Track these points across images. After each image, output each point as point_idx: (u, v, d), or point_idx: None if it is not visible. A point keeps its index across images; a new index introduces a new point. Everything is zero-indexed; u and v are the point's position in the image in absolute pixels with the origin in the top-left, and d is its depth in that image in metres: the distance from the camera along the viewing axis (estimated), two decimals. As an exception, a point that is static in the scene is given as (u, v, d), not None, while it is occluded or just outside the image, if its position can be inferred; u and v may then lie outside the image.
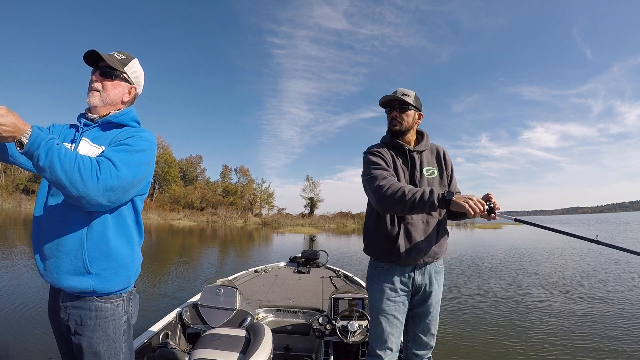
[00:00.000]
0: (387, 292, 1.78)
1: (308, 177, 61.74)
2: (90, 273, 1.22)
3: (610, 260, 11.41)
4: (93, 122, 1.36)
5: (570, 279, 8.54)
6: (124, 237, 1.31)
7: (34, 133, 1.05)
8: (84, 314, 1.25)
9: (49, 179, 1.08)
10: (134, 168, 1.22)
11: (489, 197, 1.61)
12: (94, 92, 1.35)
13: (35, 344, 3.92)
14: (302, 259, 4.71)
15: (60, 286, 1.23)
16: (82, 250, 1.21)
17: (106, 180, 1.13)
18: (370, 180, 1.74)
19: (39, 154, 1.05)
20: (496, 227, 39.21)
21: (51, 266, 1.22)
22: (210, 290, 2.76)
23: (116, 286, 1.29)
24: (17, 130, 1.03)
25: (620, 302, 6.23)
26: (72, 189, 1.08)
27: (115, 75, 1.37)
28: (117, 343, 1.31)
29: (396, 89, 1.91)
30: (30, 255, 10.10)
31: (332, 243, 20.27)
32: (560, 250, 14.76)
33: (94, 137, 1.33)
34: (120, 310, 1.31)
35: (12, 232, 17.03)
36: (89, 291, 1.24)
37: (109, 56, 1.35)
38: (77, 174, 1.08)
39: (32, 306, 5.24)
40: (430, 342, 1.87)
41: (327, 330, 2.47)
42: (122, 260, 1.29)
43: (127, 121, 1.39)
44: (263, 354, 1.83)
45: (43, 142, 1.05)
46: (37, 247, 1.26)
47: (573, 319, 5.35)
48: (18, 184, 57.03)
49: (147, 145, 1.31)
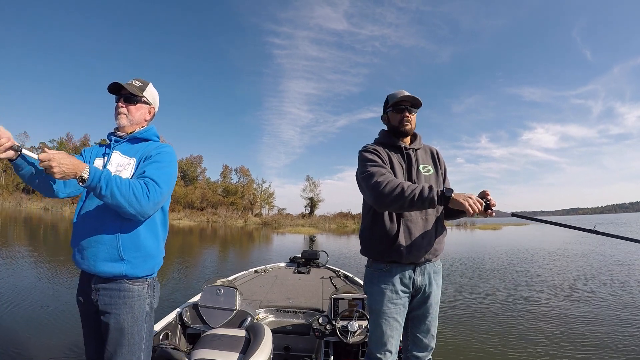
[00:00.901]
0: (387, 295, 1.75)
1: (308, 177, 61.87)
2: (123, 260, 1.47)
3: (613, 262, 11.39)
4: (122, 138, 1.65)
5: (571, 280, 8.50)
6: (151, 232, 1.57)
7: (92, 170, 1.32)
8: (114, 293, 1.49)
9: (110, 204, 1.36)
10: (169, 181, 1.54)
11: (486, 193, 1.61)
12: (122, 115, 1.63)
13: (37, 342, 3.93)
14: (302, 259, 4.71)
15: (95, 271, 1.47)
16: (117, 241, 1.47)
17: (154, 197, 1.43)
18: (367, 177, 1.71)
19: (100, 186, 1.32)
20: (496, 228, 39.20)
21: (88, 255, 1.47)
22: (210, 291, 2.76)
23: (143, 272, 1.53)
24: (77, 169, 1.29)
25: (624, 305, 6.17)
26: (130, 209, 1.38)
27: (136, 100, 1.66)
28: (140, 321, 1.53)
29: (400, 90, 1.89)
30: (30, 254, 10.11)
31: (332, 243, 20.26)
32: (562, 252, 14.75)
33: (124, 150, 1.62)
34: (145, 293, 1.55)
35: (12, 231, 17.04)
36: (120, 275, 1.48)
37: (129, 85, 1.63)
38: (133, 197, 1.37)
39: (34, 306, 5.25)
40: (431, 343, 1.86)
41: (327, 331, 2.46)
42: (149, 251, 1.55)
43: (150, 136, 1.70)
44: (263, 354, 1.83)
45: (102, 176, 1.33)
46: (76, 240, 1.50)
47: (574, 321, 5.33)
48: (18, 184, 57.03)
49: (172, 158, 1.62)
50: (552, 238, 22.40)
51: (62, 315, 4.90)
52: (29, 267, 8.16)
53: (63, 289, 6.40)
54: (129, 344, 1.50)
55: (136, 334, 1.51)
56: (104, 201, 1.36)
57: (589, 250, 14.56)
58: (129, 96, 1.64)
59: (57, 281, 6.99)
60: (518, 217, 1.75)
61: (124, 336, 1.49)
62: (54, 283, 6.82)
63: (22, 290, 6.09)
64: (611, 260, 11.70)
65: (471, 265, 11.01)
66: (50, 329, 4.37)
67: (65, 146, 60.14)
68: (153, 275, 1.61)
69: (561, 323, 5.19)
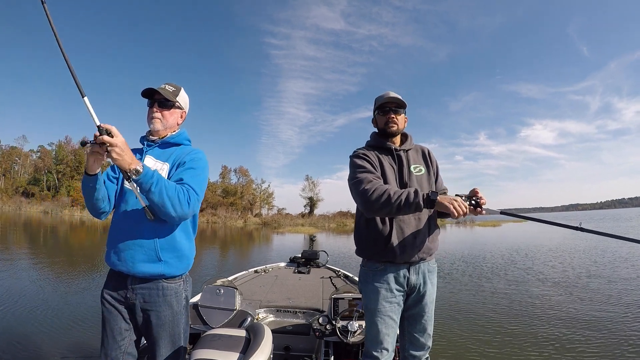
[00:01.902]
0: (382, 294, 1.77)
1: (307, 176, 62.00)
2: (160, 261, 1.55)
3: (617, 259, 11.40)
4: (154, 142, 1.70)
5: (573, 278, 8.50)
6: (184, 233, 1.65)
7: (146, 166, 1.41)
8: (153, 292, 1.57)
9: (155, 201, 1.41)
10: (204, 187, 1.61)
11: (476, 192, 1.63)
12: (156, 119, 1.67)
13: (47, 343, 3.94)
14: (302, 259, 4.71)
15: (134, 272, 1.53)
16: (155, 243, 1.54)
17: (193, 205, 1.51)
18: (356, 184, 1.74)
19: (152, 182, 1.38)
20: (496, 225, 39.26)
21: (126, 257, 1.53)
22: (210, 291, 2.76)
23: (179, 271, 1.62)
24: (133, 162, 1.35)
25: (626, 304, 6.16)
26: (172, 211, 1.44)
27: (170, 105, 1.69)
28: (179, 315, 1.64)
29: (387, 92, 1.92)
30: (32, 256, 10.10)
31: (332, 243, 20.26)
32: (563, 248, 14.79)
33: (157, 154, 1.67)
34: (181, 289, 1.65)
35: (12, 235, 17.01)
36: (158, 275, 1.56)
37: (163, 90, 1.65)
38: (177, 200, 1.44)
39: (38, 306, 5.25)
40: (427, 342, 1.87)
41: (327, 331, 2.46)
42: (183, 251, 1.63)
43: (182, 141, 1.74)
44: (263, 354, 1.83)
45: (155, 173, 1.41)
46: (112, 243, 1.56)
47: (575, 320, 5.34)
48: (18, 187, 56.99)
49: (205, 164, 1.67)
50: (550, 235, 22.44)
51: (69, 316, 4.92)
52: (38, 269, 8.16)
53: (70, 289, 6.41)
54: (171, 335, 1.62)
55: (176, 326, 1.63)
56: (150, 198, 1.40)
57: (589, 247, 14.58)
58: (163, 101, 1.67)
59: (64, 282, 7.01)
60: (506, 214, 1.81)
61: (165, 330, 1.60)
62: (62, 284, 6.83)
63: (29, 292, 6.09)
64: (611, 257, 11.65)
65: (472, 262, 11.03)
66: (60, 330, 4.38)
67: (64, 149, 60.06)
68: (187, 272, 1.71)
69: (560, 321, 5.20)
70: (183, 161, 1.63)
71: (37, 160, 60.46)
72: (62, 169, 58.16)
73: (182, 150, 1.69)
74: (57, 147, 60.58)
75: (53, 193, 56.76)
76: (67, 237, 18.39)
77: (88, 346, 3.92)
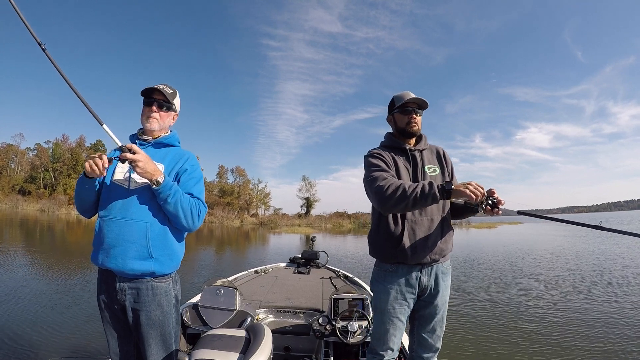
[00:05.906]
0: (392, 294, 1.77)
1: (304, 177, 61.77)
2: (152, 258, 1.54)
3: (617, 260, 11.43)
4: (147, 142, 1.70)
5: (578, 280, 8.44)
6: (177, 232, 1.65)
7: (167, 177, 1.50)
8: (142, 292, 1.56)
9: (170, 211, 1.52)
10: (204, 193, 1.71)
11: (492, 192, 1.58)
12: (154, 119, 1.68)
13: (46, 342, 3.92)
14: (302, 259, 4.71)
15: (124, 269, 1.51)
16: (147, 239, 1.53)
17: (202, 218, 1.62)
18: (371, 182, 1.74)
19: (169, 193, 1.49)
20: (491, 227, 39.35)
21: (116, 253, 1.51)
22: (210, 291, 2.75)
23: (169, 269, 1.62)
24: (156, 173, 1.47)
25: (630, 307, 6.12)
26: (184, 222, 1.55)
27: (167, 107, 1.72)
28: (169, 314, 1.64)
29: (407, 92, 1.90)
30: (28, 255, 10.03)
31: (329, 243, 20.27)
32: (566, 251, 14.84)
33: (151, 154, 1.62)
34: (171, 288, 1.65)
35: (8, 233, 16.90)
36: (149, 273, 1.55)
37: (164, 91, 1.69)
38: (190, 213, 1.55)
39: (34, 305, 5.22)
40: (437, 344, 1.86)
41: (327, 331, 2.46)
42: (175, 250, 1.63)
43: (174, 142, 1.77)
44: (263, 355, 1.83)
45: (174, 184, 1.52)
46: (101, 241, 1.53)
47: (580, 322, 5.31)
48: (14, 185, 56.61)
49: (200, 169, 1.74)
50: (545, 238, 22.53)
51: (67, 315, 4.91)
52: (34, 267, 8.10)
53: (66, 288, 6.37)
54: (162, 334, 1.62)
55: (167, 325, 1.63)
56: (165, 207, 1.51)
57: (593, 250, 14.62)
58: (162, 102, 1.69)
59: (64, 281, 6.97)
60: (524, 214, 1.72)
61: (156, 330, 1.60)
62: (60, 283, 6.79)
63: (25, 290, 6.06)
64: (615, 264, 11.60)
65: (477, 264, 11.04)
66: (60, 328, 4.36)
67: (61, 147, 59.74)
68: (176, 271, 1.71)
69: (567, 324, 5.19)
70: (184, 168, 1.67)
71: (34, 158, 59.99)
72: (59, 167, 57.80)
73: (177, 153, 1.72)
74: (54, 145, 60.26)
75: (50, 191, 56.39)
76: (64, 235, 18.30)
77: (88, 346, 3.90)
